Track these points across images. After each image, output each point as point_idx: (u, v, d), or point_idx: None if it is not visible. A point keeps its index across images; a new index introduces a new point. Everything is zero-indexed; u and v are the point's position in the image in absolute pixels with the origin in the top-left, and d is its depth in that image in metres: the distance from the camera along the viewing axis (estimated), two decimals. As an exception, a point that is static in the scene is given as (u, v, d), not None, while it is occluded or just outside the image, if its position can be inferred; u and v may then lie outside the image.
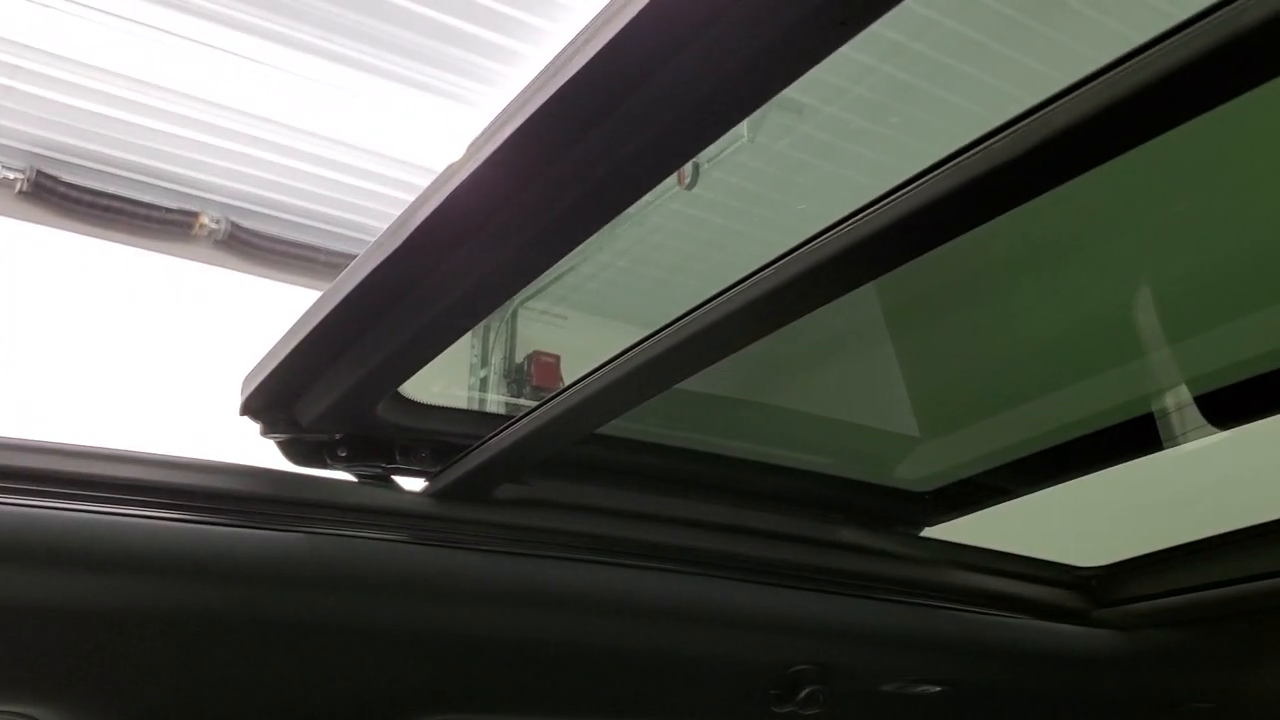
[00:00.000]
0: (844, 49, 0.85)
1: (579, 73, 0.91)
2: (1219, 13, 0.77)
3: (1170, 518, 2.12)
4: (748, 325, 1.17)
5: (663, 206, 5.71)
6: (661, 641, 1.63)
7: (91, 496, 1.28)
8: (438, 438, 1.53)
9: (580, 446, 1.53)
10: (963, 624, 1.84)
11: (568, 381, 1.34)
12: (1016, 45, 4.67)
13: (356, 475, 1.51)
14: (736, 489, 1.78)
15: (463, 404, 1.61)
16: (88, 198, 5.61)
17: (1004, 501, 1.94)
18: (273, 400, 1.43)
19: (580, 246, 1.15)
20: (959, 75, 4.79)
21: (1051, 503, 1.90)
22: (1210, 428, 1.68)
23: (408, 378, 1.39)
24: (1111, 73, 0.83)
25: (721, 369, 1.26)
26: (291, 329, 1.33)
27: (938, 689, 1.86)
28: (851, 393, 1.92)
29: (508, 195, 1.07)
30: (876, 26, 0.84)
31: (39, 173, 5.52)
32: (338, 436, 1.48)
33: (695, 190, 5.43)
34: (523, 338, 6.61)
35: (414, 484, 1.52)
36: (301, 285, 6.00)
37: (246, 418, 1.46)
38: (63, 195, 5.56)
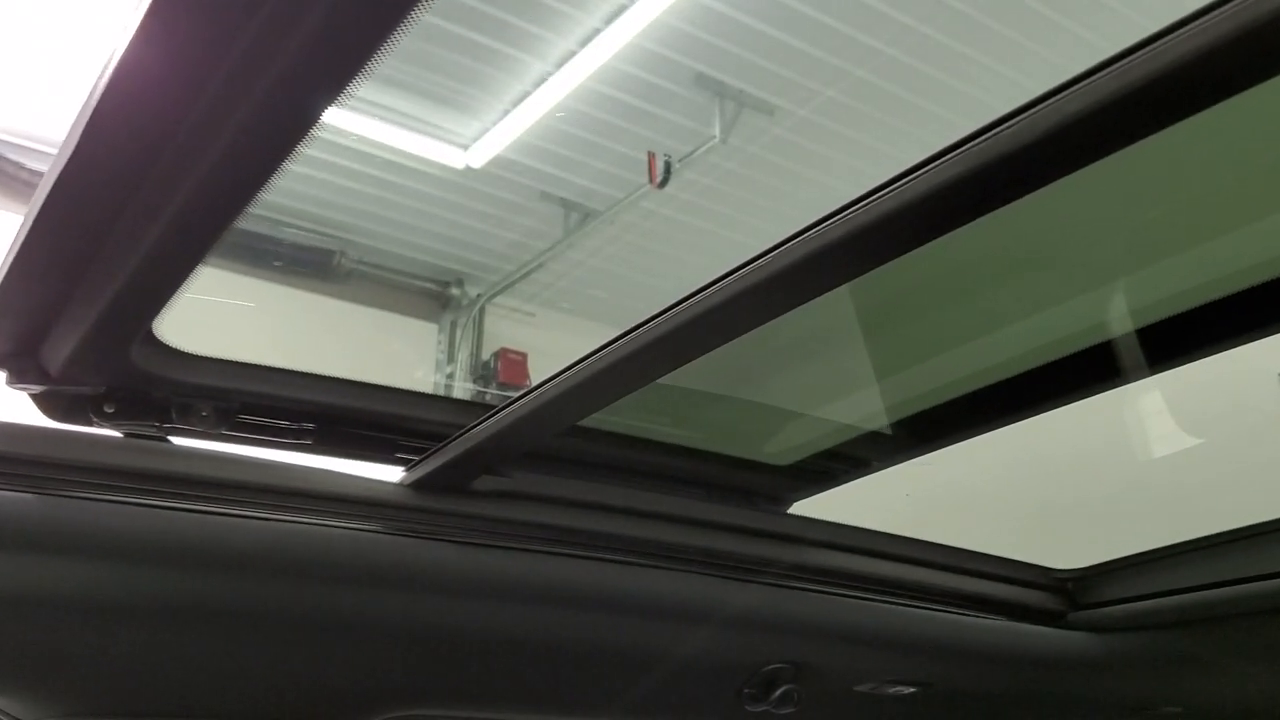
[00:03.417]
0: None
1: None
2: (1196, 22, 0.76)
3: (1148, 522, 2.12)
4: (735, 318, 1.15)
5: (634, 205, 5.70)
6: (636, 636, 1.61)
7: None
8: (220, 394, 1.36)
9: (560, 439, 1.51)
10: (939, 625, 1.83)
11: (535, 379, 1.29)
12: (990, 52, 4.70)
13: (125, 434, 1.34)
14: (716, 485, 1.76)
15: (243, 356, 1.44)
16: None
17: (865, 474, 1.87)
18: (12, 345, 1.25)
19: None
20: (932, 81, 4.81)
21: (1030, 505, 1.89)
22: (1065, 397, 1.63)
23: (153, 317, 1.20)
24: (1095, 76, 0.83)
25: (699, 364, 1.24)
26: (4, 256, 1.13)
27: (913, 689, 1.85)
28: (825, 384, 1.90)
29: (188, 75, 0.88)
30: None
31: None
32: (102, 390, 1.31)
33: (667, 190, 5.44)
34: (490, 334, 6.58)
35: (392, 473, 1.48)
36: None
37: None
38: None
